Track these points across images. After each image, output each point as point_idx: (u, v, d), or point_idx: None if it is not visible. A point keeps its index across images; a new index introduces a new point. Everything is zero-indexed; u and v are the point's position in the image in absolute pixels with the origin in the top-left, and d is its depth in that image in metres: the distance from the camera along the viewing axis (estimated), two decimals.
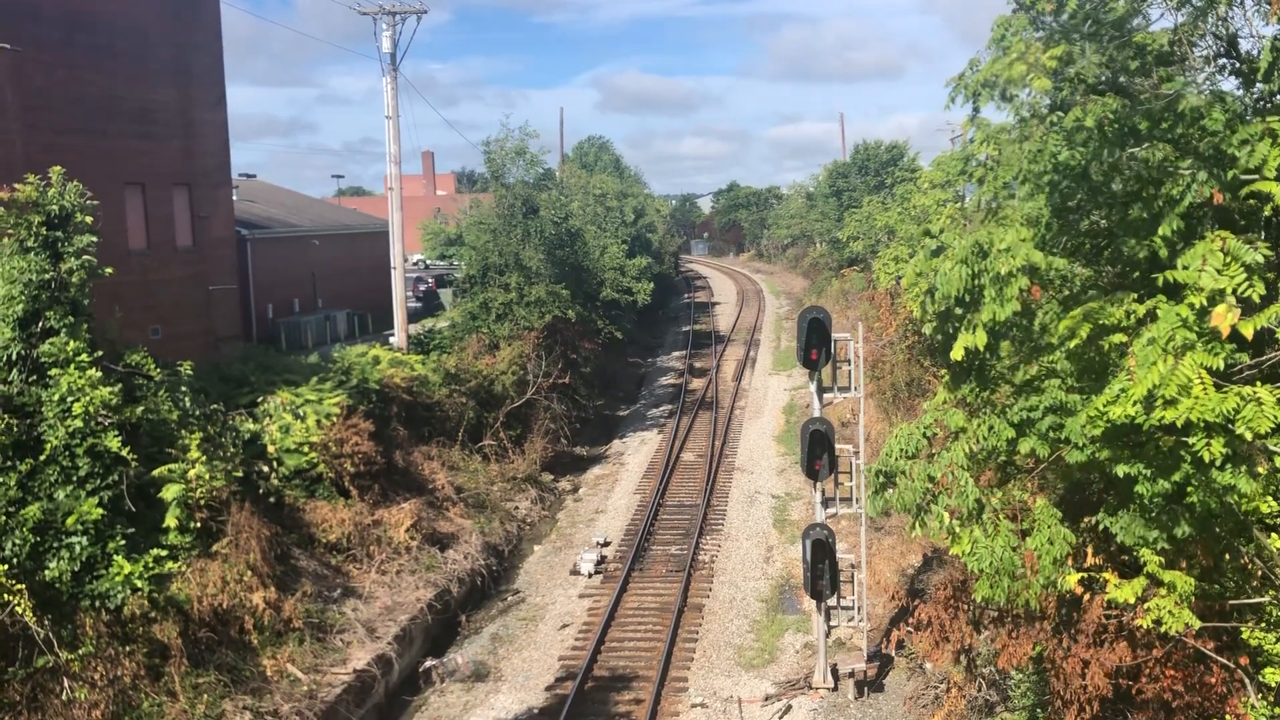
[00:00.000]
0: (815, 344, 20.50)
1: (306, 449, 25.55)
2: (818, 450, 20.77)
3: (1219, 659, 11.44)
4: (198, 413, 21.07)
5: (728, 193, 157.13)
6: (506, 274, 39.44)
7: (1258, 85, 12.49)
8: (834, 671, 21.38)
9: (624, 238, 53.44)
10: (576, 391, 41.70)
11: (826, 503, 21.44)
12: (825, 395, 21.67)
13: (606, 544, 30.67)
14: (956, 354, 9.20)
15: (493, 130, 47.25)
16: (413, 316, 43.72)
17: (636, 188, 73.61)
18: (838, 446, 21.19)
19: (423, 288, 55.95)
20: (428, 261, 57.46)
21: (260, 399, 26.25)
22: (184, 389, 20.53)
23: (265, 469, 23.68)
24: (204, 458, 20.36)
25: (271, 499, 23.63)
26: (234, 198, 39.27)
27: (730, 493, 35.45)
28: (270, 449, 24.52)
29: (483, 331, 38.60)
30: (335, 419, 26.74)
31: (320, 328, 42.80)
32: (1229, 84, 13.09)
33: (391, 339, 36.16)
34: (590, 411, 44.52)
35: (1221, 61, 13.23)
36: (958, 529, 10.62)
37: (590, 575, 28.26)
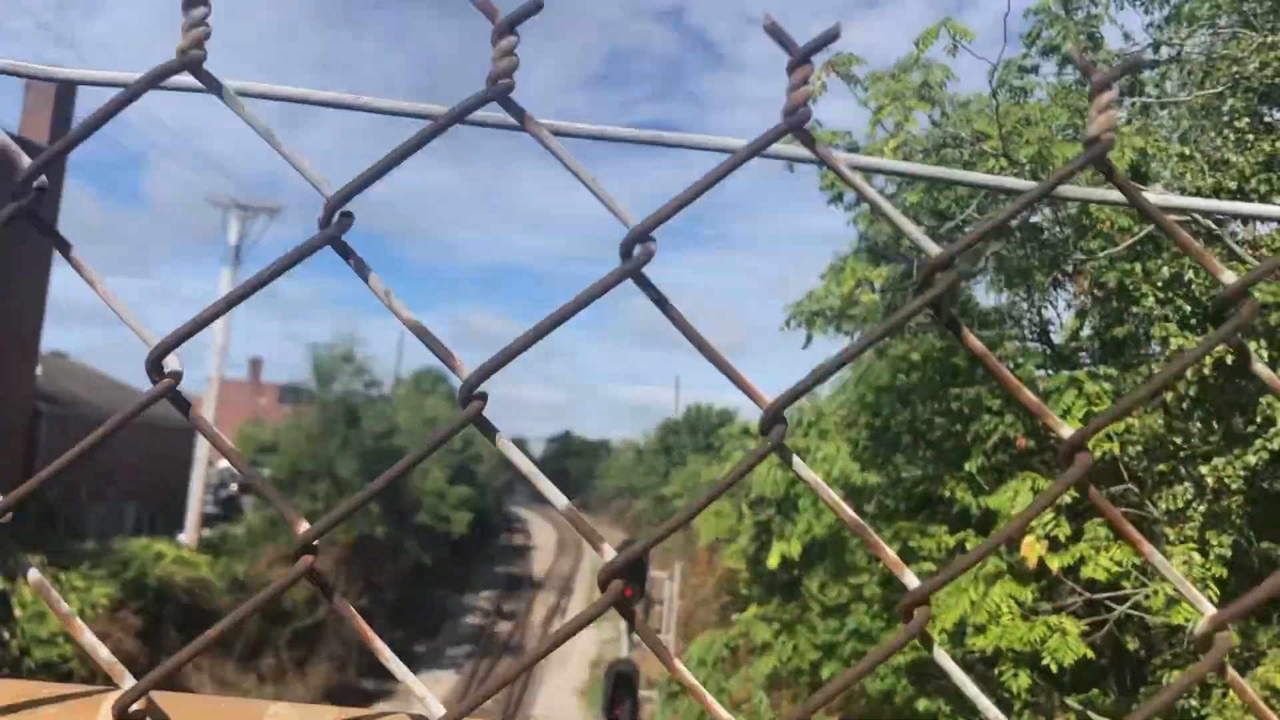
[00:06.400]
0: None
1: (61, 641, 23.02)
2: (621, 694, 19.80)
3: None
4: None
5: (562, 440, 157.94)
6: (317, 482, 37.81)
7: (1065, 369, 13.36)
8: None
9: (449, 465, 52.34)
10: (373, 618, 39.36)
11: None
12: (635, 636, 20.91)
13: None
14: (773, 562, 8.99)
15: (329, 338, 46.48)
16: (211, 521, 41.17)
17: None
18: (644, 693, 20.29)
19: (224, 494, 52.96)
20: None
21: (12, 579, 23.74)
22: None
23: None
24: None
25: None
26: (38, 372, 37.02)
27: None
28: (8, 637, 21.97)
29: (282, 540, 36.47)
30: (101, 611, 24.34)
31: (105, 517, 39.69)
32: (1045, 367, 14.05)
33: (182, 537, 33.75)
34: (385, 642, 41.87)
35: (1034, 345, 14.18)
36: None
37: None
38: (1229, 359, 8.88)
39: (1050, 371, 12.90)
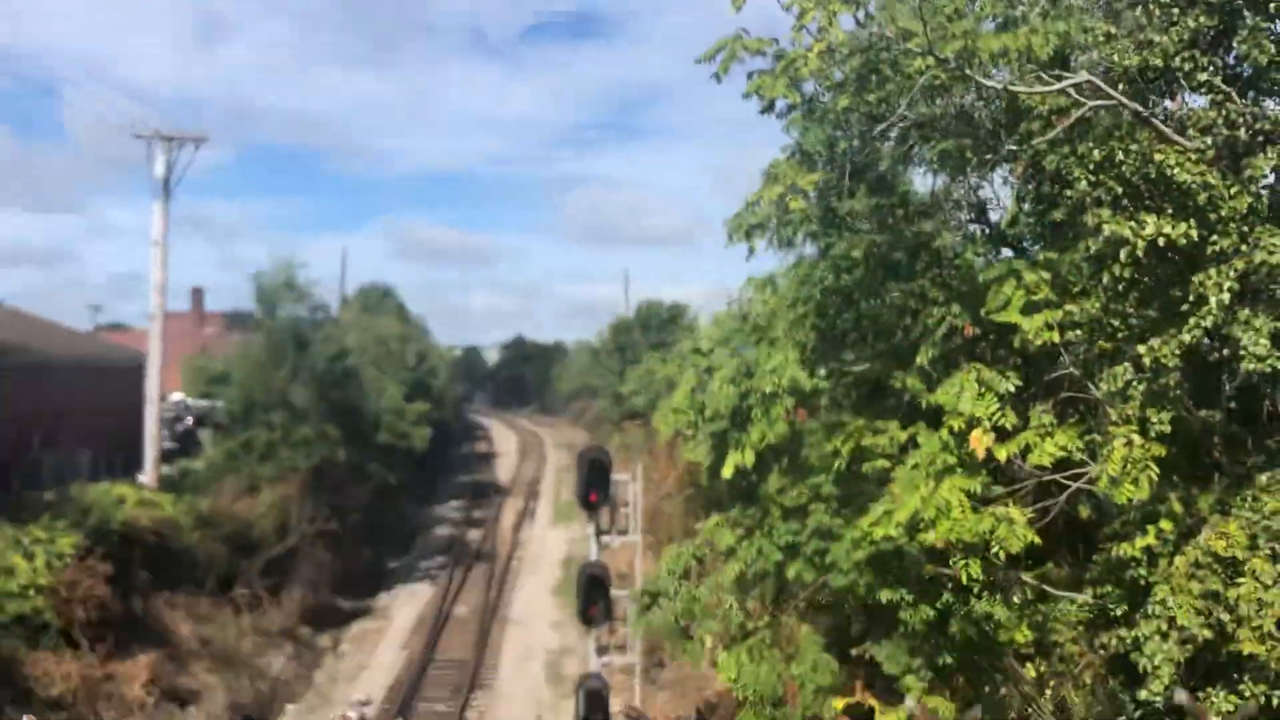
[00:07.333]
0: (595, 485, 20.15)
1: (32, 593, 23.04)
2: (594, 595, 20.20)
3: None
4: None
5: (514, 345, 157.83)
6: (272, 411, 37.59)
7: (1005, 250, 13.52)
8: None
9: (404, 381, 52.19)
10: (343, 539, 39.64)
11: (602, 651, 20.79)
12: (604, 538, 21.26)
13: (368, 703, 28.63)
14: (727, 472, 9.23)
15: (269, 265, 44.94)
16: (169, 457, 40.83)
17: (420, 333, 72.72)
18: (615, 593, 20.72)
19: (181, 428, 52.50)
20: (189, 402, 54.39)
21: None
22: None
23: None
24: None
25: None
26: None
27: (504, 648, 34.25)
28: None
29: (244, 472, 36.39)
30: (69, 560, 24.30)
31: (62, 465, 39.26)
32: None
33: (142, 478, 33.57)
34: (358, 561, 42.34)
35: (974, 226, 14.29)
36: (722, 653, 10.46)
37: None
38: (1161, 241, 9.03)
39: (992, 257, 13.05)
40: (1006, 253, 13.50)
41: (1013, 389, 9.37)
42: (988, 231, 13.86)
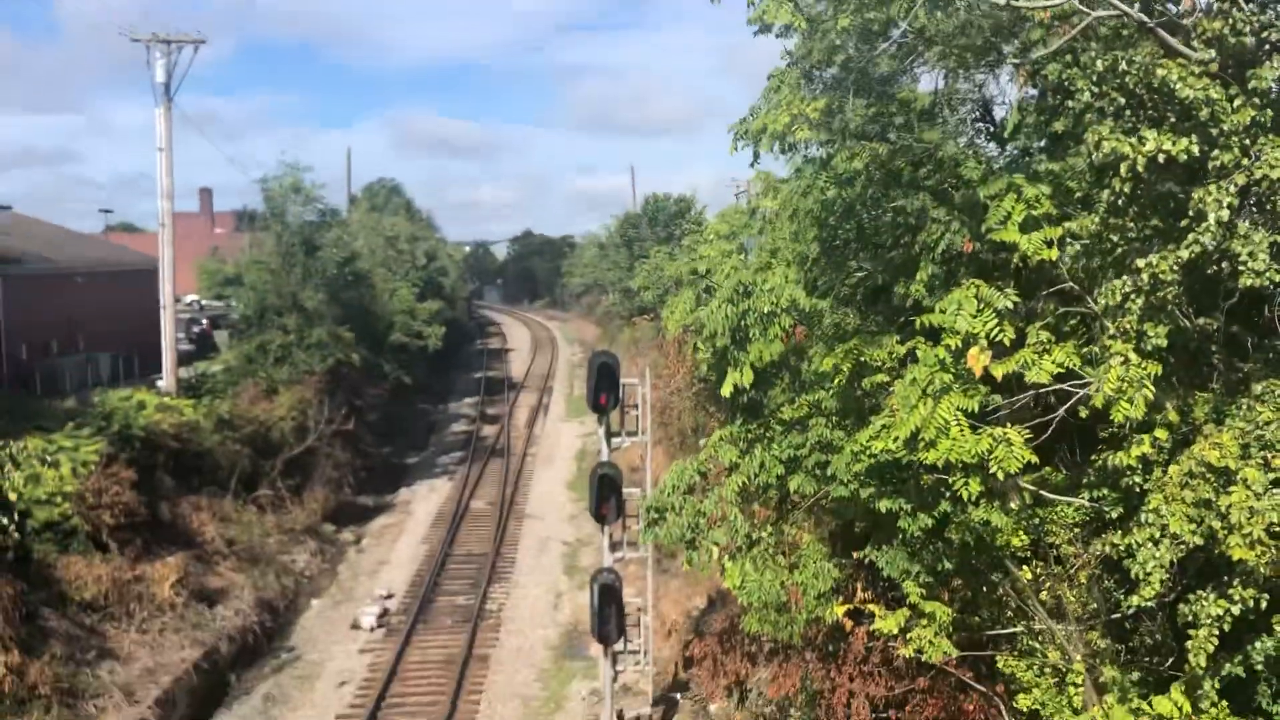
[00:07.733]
0: (604, 388, 20.46)
1: (60, 500, 23.66)
2: (606, 494, 20.69)
3: (977, 687, 11.94)
4: None
5: (523, 239, 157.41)
6: (285, 315, 37.91)
7: (1008, 148, 13.44)
8: (619, 718, 21.20)
9: (415, 281, 52.37)
10: (361, 438, 40.34)
11: (615, 546, 21.36)
12: (614, 440, 21.63)
13: (390, 596, 29.69)
14: (725, 390, 9.43)
15: (275, 168, 44.16)
16: (185, 360, 41.29)
17: (428, 231, 72.59)
18: (626, 490, 21.17)
19: (196, 329, 52.93)
20: (203, 303, 54.67)
21: (3, 445, 24.12)
22: None
23: (6, 522, 21.73)
24: None
25: (14, 554, 21.70)
26: None
27: (521, 540, 35.05)
28: (14, 499, 22.52)
29: (260, 375, 36.86)
30: (93, 467, 24.87)
31: (80, 371, 39.81)
32: (987, 149, 14.09)
33: (160, 383, 34.05)
34: (376, 459, 43.18)
35: (978, 126, 14.16)
36: (727, 562, 10.82)
37: (372, 629, 27.27)
38: (1161, 157, 9.02)
39: (996, 157, 12.97)
40: (1011, 150, 13.44)
41: (1011, 304, 9.47)
42: (991, 130, 13.77)
